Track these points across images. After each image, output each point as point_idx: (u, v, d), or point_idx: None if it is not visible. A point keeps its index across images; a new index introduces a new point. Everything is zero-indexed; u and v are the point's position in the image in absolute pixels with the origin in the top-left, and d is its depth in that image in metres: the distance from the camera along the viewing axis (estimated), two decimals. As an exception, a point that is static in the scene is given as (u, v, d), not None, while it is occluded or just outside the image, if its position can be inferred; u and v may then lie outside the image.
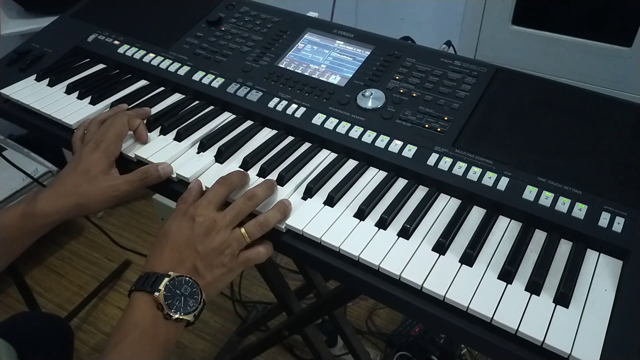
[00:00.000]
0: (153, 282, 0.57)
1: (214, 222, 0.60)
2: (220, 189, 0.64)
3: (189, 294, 0.57)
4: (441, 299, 0.55)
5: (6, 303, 1.71)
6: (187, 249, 0.59)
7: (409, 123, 0.74)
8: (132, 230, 2.00)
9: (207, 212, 0.61)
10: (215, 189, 0.63)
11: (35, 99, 0.84)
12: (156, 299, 0.56)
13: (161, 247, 0.61)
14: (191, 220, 0.61)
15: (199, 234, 0.60)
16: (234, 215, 0.61)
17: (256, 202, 0.63)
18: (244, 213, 0.62)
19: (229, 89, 0.83)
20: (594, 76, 1.59)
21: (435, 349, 1.45)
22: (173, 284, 0.57)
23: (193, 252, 0.59)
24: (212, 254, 0.59)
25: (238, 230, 0.61)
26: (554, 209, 0.62)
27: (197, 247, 0.59)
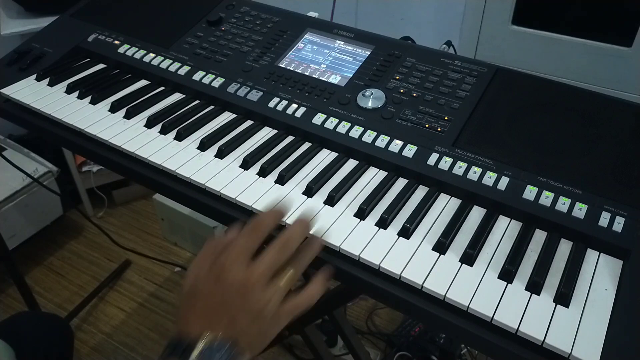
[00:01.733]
0: (184, 349, 0.48)
1: (248, 279, 0.52)
2: (253, 236, 0.55)
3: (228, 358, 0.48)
4: (441, 298, 0.55)
5: (6, 303, 1.71)
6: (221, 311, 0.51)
7: (409, 123, 0.74)
8: (132, 230, 2.00)
9: (237, 267, 0.52)
10: (246, 237, 0.55)
11: (35, 99, 0.84)
12: None
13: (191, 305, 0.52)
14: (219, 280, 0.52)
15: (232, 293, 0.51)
16: (268, 269, 0.53)
17: (291, 251, 0.55)
18: (279, 264, 0.54)
19: (229, 88, 0.83)
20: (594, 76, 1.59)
21: (435, 349, 1.45)
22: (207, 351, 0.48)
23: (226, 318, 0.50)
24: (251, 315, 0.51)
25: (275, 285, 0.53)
26: (554, 208, 0.62)
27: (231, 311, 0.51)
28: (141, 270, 1.84)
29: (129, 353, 1.58)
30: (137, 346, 1.60)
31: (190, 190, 0.70)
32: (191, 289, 0.53)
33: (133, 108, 0.82)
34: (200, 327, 0.50)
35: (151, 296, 1.75)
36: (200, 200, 0.69)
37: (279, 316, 0.53)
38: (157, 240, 1.96)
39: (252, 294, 0.51)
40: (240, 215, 0.66)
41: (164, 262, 1.82)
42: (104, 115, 0.82)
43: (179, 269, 1.82)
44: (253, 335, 0.51)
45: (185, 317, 0.52)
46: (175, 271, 1.83)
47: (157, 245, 1.94)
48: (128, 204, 2.11)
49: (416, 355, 1.46)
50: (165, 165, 0.71)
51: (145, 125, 0.79)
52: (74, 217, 2.00)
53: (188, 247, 1.91)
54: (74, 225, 2.01)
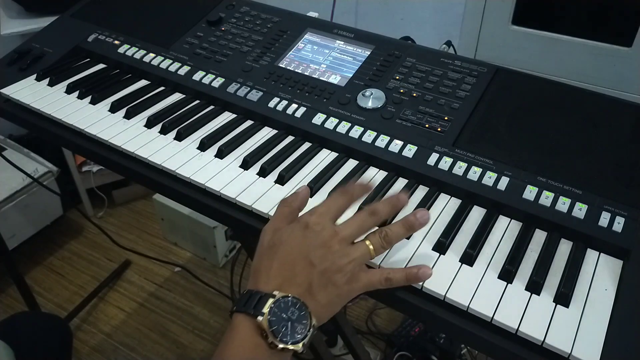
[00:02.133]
0: (256, 303, 0.48)
1: (335, 232, 0.51)
2: (340, 199, 0.55)
3: (296, 318, 0.48)
4: (441, 298, 0.55)
5: (6, 303, 1.71)
6: (301, 262, 0.50)
7: (409, 123, 0.74)
8: (132, 230, 2.00)
9: (325, 221, 0.52)
10: (334, 198, 0.55)
11: (35, 99, 0.84)
12: (260, 324, 0.47)
13: (269, 259, 0.52)
14: (305, 228, 0.52)
15: (316, 245, 0.51)
16: (356, 228, 0.53)
17: (378, 219, 0.54)
18: (366, 229, 0.54)
19: (229, 88, 0.83)
20: (594, 76, 1.59)
21: (435, 349, 1.45)
22: (279, 307, 0.48)
23: (308, 266, 0.50)
24: (331, 269, 0.50)
25: (362, 243, 0.52)
26: (554, 208, 0.62)
27: (313, 260, 0.50)
28: (141, 270, 1.84)
29: (129, 353, 1.58)
30: (137, 346, 1.60)
31: (190, 190, 0.70)
32: (272, 241, 0.53)
33: (133, 108, 0.82)
34: (278, 283, 0.50)
35: (151, 296, 1.75)
36: (200, 200, 0.69)
37: (353, 283, 0.51)
38: (157, 240, 1.96)
39: (335, 249, 0.51)
40: (241, 216, 0.66)
41: (164, 262, 1.82)
42: (104, 115, 0.82)
43: (179, 269, 1.82)
44: (322, 304, 0.51)
45: (261, 272, 0.51)
46: (175, 271, 1.83)
47: (157, 245, 1.94)
48: (128, 204, 2.11)
49: (416, 355, 1.46)
50: (165, 165, 0.71)
51: (145, 125, 0.79)
52: (74, 217, 2.00)
53: (188, 247, 1.91)
54: (74, 225, 2.01)
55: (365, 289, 0.53)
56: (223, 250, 1.83)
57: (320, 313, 0.51)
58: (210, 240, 1.78)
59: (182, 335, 1.63)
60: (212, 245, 1.79)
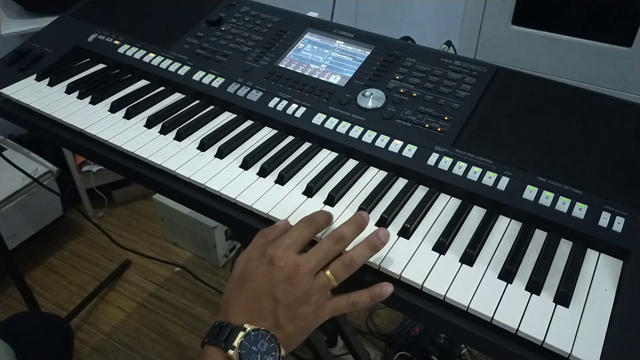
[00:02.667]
0: (227, 336, 0.51)
1: (297, 266, 0.53)
2: (305, 230, 0.57)
3: (265, 350, 0.50)
4: (441, 298, 0.55)
5: (6, 303, 1.71)
6: (266, 298, 0.52)
7: (409, 123, 0.74)
8: (132, 230, 2.00)
9: (289, 255, 0.54)
10: (299, 230, 0.56)
11: (35, 99, 0.84)
12: (230, 357, 0.50)
13: (238, 292, 0.54)
14: (270, 264, 0.53)
15: (280, 281, 0.52)
16: (320, 259, 0.54)
17: (344, 245, 0.56)
18: (330, 256, 0.55)
19: (229, 88, 0.83)
20: (594, 76, 1.59)
21: (435, 349, 1.45)
22: (249, 340, 0.50)
23: (273, 302, 0.52)
24: (296, 303, 0.52)
25: (323, 274, 0.54)
26: (554, 208, 0.62)
27: (278, 295, 0.52)
28: (141, 270, 1.84)
29: (129, 353, 1.58)
30: (137, 346, 1.60)
31: (190, 190, 0.70)
32: (241, 274, 0.55)
33: (133, 108, 0.82)
34: (246, 316, 0.52)
35: (151, 296, 1.75)
36: (200, 200, 0.69)
37: (319, 312, 0.54)
38: (157, 240, 1.96)
39: (301, 281, 0.53)
40: (241, 216, 0.66)
41: (164, 262, 1.82)
42: (104, 115, 0.82)
43: (179, 269, 1.82)
44: (291, 334, 0.53)
45: (230, 304, 0.54)
46: (175, 271, 1.83)
47: (157, 245, 1.94)
48: (128, 204, 2.11)
49: (416, 355, 1.47)
50: (165, 165, 0.71)
51: (145, 125, 0.79)
52: (74, 217, 2.00)
53: (188, 247, 1.91)
54: (74, 225, 2.01)
55: (332, 314, 0.55)
56: (223, 250, 1.83)
57: (289, 343, 0.53)
58: (210, 240, 1.79)
59: (182, 335, 1.63)
60: (212, 245, 1.79)
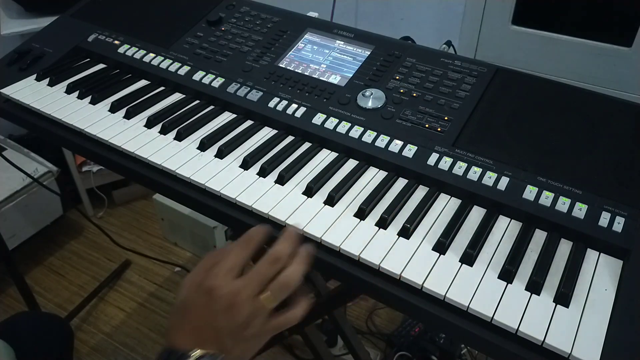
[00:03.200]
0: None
1: (236, 294, 0.53)
2: (243, 252, 0.56)
3: None
4: (441, 298, 0.55)
5: (6, 303, 1.71)
6: (208, 329, 0.52)
7: (409, 123, 0.74)
8: (132, 230, 2.00)
9: (227, 282, 0.53)
10: (235, 252, 0.56)
11: (35, 99, 0.84)
12: None
13: (181, 322, 0.54)
14: (208, 295, 0.53)
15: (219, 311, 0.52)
16: (258, 283, 0.54)
17: (281, 265, 0.55)
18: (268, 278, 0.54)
19: (229, 88, 0.83)
20: (594, 76, 1.59)
21: (435, 349, 1.44)
22: None
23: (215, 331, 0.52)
24: (238, 329, 0.52)
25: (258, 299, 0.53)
26: (554, 208, 0.62)
27: (219, 325, 0.52)
28: (141, 270, 1.84)
29: (129, 353, 1.58)
30: (137, 346, 1.60)
31: (190, 190, 0.70)
32: (182, 303, 0.55)
33: (133, 108, 0.82)
34: (191, 342, 0.52)
35: (151, 296, 1.75)
36: (200, 200, 0.69)
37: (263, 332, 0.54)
38: (157, 240, 1.96)
39: (239, 309, 0.52)
40: (241, 216, 0.66)
41: (164, 262, 1.82)
42: (104, 115, 0.82)
43: (179, 269, 1.82)
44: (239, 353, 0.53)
45: (175, 331, 0.53)
46: (175, 271, 1.83)
47: (157, 245, 1.94)
48: (128, 204, 2.11)
49: (416, 355, 1.46)
50: (165, 165, 0.71)
51: (145, 125, 0.79)
52: (74, 217, 2.00)
53: (188, 247, 1.91)
54: (74, 225, 2.01)
55: (275, 331, 0.55)
56: (223, 250, 1.83)
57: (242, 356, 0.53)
58: (210, 240, 1.78)
59: (182, 335, 1.62)
60: (212, 245, 1.79)
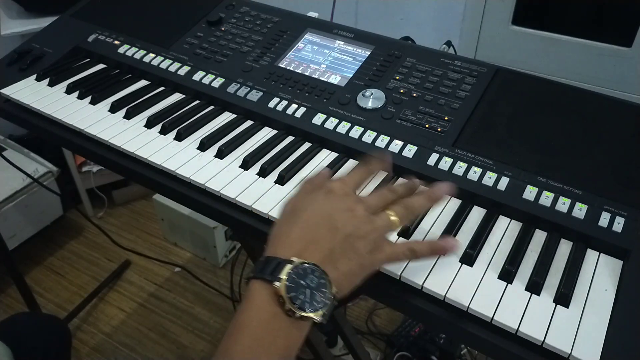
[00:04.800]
0: (273, 269, 0.45)
1: (358, 199, 0.50)
2: (361, 171, 0.55)
3: (315, 285, 0.45)
4: (441, 298, 0.55)
5: (6, 303, 1.71)
6: (324, 225, 0.48)
7: (409, 123, 0.74)
8: (132, 230, 2.00)
9: (348, 188, 0.51)
10: (355, 171, 0.55)
11: (35, 99, 0.84)
12: (277, 290, 0.44)
13: (289, 225, 0.49)
14: (329, 192, 0.50)
15: (340, 209, 0.49)
16: (378, 199, 0.51)
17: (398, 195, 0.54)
18: (388, 200, 0.52)
19: (229, 89, 0.83)
20: (594, 76, 1.59)
21: (435, 349, 1.45)
22: (297, 273, 0.45)
23: (331, 230, 0.48)
24: (354, 234, 0.48)
25: (385, 213, 0.50)
26: (554, 208, 0.62)
27: (337, 223, 0.48)
28: (141, 271, 1.84)
29: (129, 353, 1.58)
30: (137, 346, 1.60)
31: (190, 190, 0.70)
32: (294, 207, 0.51)
33: (133, 108, 0.82)
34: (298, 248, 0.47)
35: (151, 296, 1.75)
36: (200, 200, 0.69)
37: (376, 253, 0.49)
38: (157, 240, 1.96)
39: (360, 214, 0.49)
40: (241, 216, 0.66)
41: (164, 262, 1.82)
42: (104, 115, 0.82)
43: (179, 269, 1.82)
44: (343, 272, 0.48)
45: (281, 237, 0.49)
46: (175, 271, 1.83)
47: (157, 245, 1.94)
48: (128, 204, 2.11)
49: (416, 355, 1.46)
50: (165, 166, 0.71)
51: (145, 125, 0.79)
52: (74, 217, 2.00)
53: (188, 247, 1.91)
54: (74, 225, 2.01)
55: (388, 260, 0.51)
56: (223, 250, 1.83)
57: (341, 282, 0.47)
58: (210, 240, 1.78)
59: (182, 335, 1.63)
60: (212, 245, 1.79)
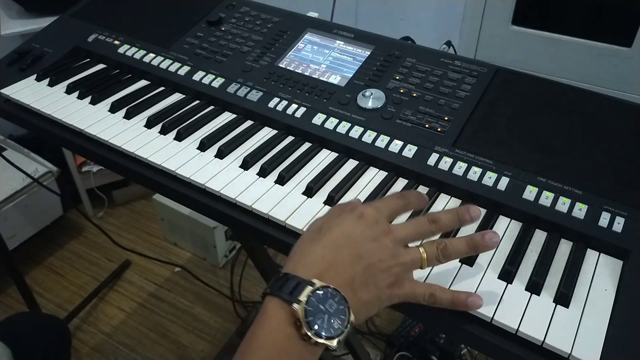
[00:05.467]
0: (293, 289, 0.44)
1: (388, 229, 0.48)
2: (397, 201, 0.52)
3: (334, 311, 0.44)
4: (441, 298, 0.55)
5: (6, 303, 1.71)
6: (348, 251, 0.46)
7: (409, 123, 0.74)
8: (132, 230, 2.00)
9: (381, 216, 0.49)
10: (392, 199, 0.52)
11: (35, 99, 0.84)
12: (295, 312, 0.43)
13: (313, 243, 0.48)
14: (360, 217, 0.48)
15: (367, 237, 0.47)
16: (412, 231, 0.49)
17: (439, 229, 0.51)
18: (423, 235, 0.50)
19: (229, 89, 0.83)
20: (594, 76, 1.59)
21: (435, 349, 1.45)
22: (317, 297, 0.44)
23: (354, 257, 0.46)
24: (377, 266, 0.46)
25: (415, 249, 0.49)
26: (554, 208, 0.62)
27: (361, 251, 0.46)
28: (141, 271, 1.84)
29: (129, 353, 1.58)
30: (137, 346, 1.60)
31: (190, 190, 0.70)
32: (321, 226, 0.49)
33: (133, 108, 0.82)
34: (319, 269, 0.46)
35: (151, 296, 1.75)
36: (200, 200, 0.69)
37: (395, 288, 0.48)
38: (157, 240, 1.96)
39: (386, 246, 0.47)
40: (241, 216, 0.66)
41: (164, 262, 1.82)
42: (104, 115, 0.82)
43: (179, 269, 1.82)
44: (362, 301, 0.46)
45: (303, 255, 0.48)
46: (175, 271, 1.83)
47: (157, 246, 1.94)
48: (128, 204, 2.11)
49: (416, 355, 1.46)
50: (165, 166, 0.71)
51: (145, 125, 0.79)
52: (74, 217, 2.00)
53: (188, 247, 1.91)
54: (74, 225, 2.01)
55: (406, 298, 0.49)
56: (223, 250, 1.83)
57: (359, 310, 0.46)
58: (210, 240, 1.78)
59: (182, 335, 1.63)
60: (212, 245, 1.79)
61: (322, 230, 0.49)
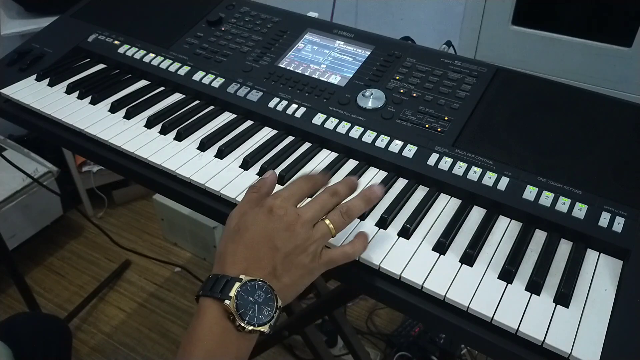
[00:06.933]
0: (223, 287, 0.49)
1: (297, 216, 0.53)
2: (304, 184, 0.57)
3: (263, 300, 0.50)
4: (441, 298, 0.55)
5: (6, 303, 1.71)
6: (265, 246, 0.52)
7: (409, 123, 0.74)
8: (132, 230, 2.00)
9: (288, 205, 0.54)
10: (298, 184, 0.57)
11: (35, 99, 0.84)
12: (227, 307, 0.49)
13: (234, 244, 0.53)
14: (269, 212, 0.53)
15: (279, 229, 0.52)
16: (318, 210, 0.55)
17: (339, 199, 0.57)
18: (327, 208, 0.56)
19: (229, 89, 0.83)
20: (594, 76, 1.59)
21: (435, 349, 1.45)
22: (245, 290, 0.49)
23: (272, 250, 0.52)
24: (294, 252, 0.52)
25: (323, 223, 0.54)
26: (554, 208, 0.62)
27: (277, 243, 0.52)
28: (141, 271, 1.84)
29: (129, 353, 1.58)
30: (137, 346, 1.60)
31: (190, 190, 0.70)
32: (238, 226, 0.54)
33: (133, 108, 0.82)
34: (243, 267, 0.51)
35: (151, 296, 1.75)
36: (200, 200, 0.69)
37: (316, 261, 0.54)
38: (157, 240, 1.96)
39: (301, 230, 0.53)
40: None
41: (164, 262, 1.82)
42: (104, 115, 0.82)
43: (179, 269, 1.82)
44: (287, 285, 0.52)
45: (227, 256, 0.53)
46: (175, 271, 1.83)
47: (157, 245, 1.94)
48: (128, 204, 2.11)
49: (416, 355, 1.47)
50: (165, 165, 0.71)
51: (145, 125, 0.79)
52: (74, 217, 2.00)
53: (188, 247, 1.91)
54: (74, 225, 2.01)
55: (328, 266, 0.55)
56: (223, 250, 1.83)
57: (286, 294, 0.52)
58: (210, 240, 1.78)
59: (182, 335, 1.63)
60: (212, 245, 1.79)
61: (239, 230, 0.54)
